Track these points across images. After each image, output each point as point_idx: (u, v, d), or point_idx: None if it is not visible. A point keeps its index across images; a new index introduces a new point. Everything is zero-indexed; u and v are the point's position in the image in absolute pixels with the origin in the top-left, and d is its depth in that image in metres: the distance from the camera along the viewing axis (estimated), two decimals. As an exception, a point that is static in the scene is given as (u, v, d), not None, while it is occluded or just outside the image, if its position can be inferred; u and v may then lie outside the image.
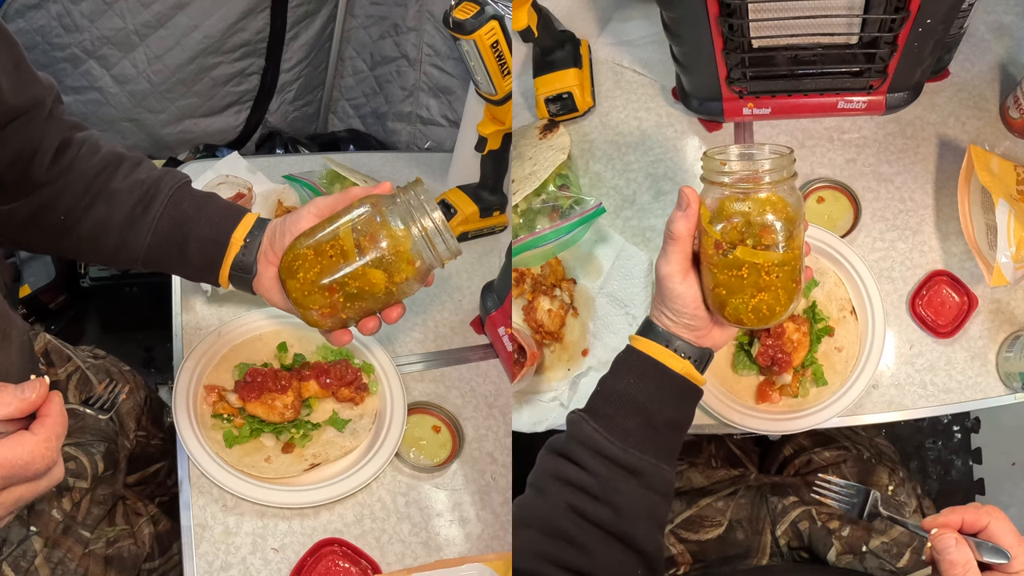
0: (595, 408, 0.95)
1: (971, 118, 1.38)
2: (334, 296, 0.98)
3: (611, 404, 0.94)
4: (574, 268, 1.34)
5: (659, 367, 0.94)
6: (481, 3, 1.25)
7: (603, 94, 1.45)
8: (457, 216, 1.57)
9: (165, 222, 1.06)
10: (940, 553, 0.86)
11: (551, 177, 1.33)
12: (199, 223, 1.06)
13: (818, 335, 1.24)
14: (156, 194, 1.07)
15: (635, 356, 0.96)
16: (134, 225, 1.06)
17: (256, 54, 2.16)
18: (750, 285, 0.90)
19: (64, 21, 1.96)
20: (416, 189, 0.98)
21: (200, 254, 1.06)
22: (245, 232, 1.05)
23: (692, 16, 1.12)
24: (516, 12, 1.28)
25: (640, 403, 0.93)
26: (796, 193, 0.91)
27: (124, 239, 1.07)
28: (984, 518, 0.88)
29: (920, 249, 1.31)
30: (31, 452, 0.74)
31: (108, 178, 1.08)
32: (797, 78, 1.23)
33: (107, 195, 1.07)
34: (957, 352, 1.27)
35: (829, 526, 1.31)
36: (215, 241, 1.05)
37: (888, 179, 1.35)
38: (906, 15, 1.07)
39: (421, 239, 0.97)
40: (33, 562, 1.16)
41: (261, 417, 1.22)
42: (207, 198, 1.09)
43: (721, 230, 0.89)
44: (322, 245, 0.97)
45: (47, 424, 0.76)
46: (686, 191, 0.92)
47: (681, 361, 0.94)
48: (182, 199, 1.08)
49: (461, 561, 1.14)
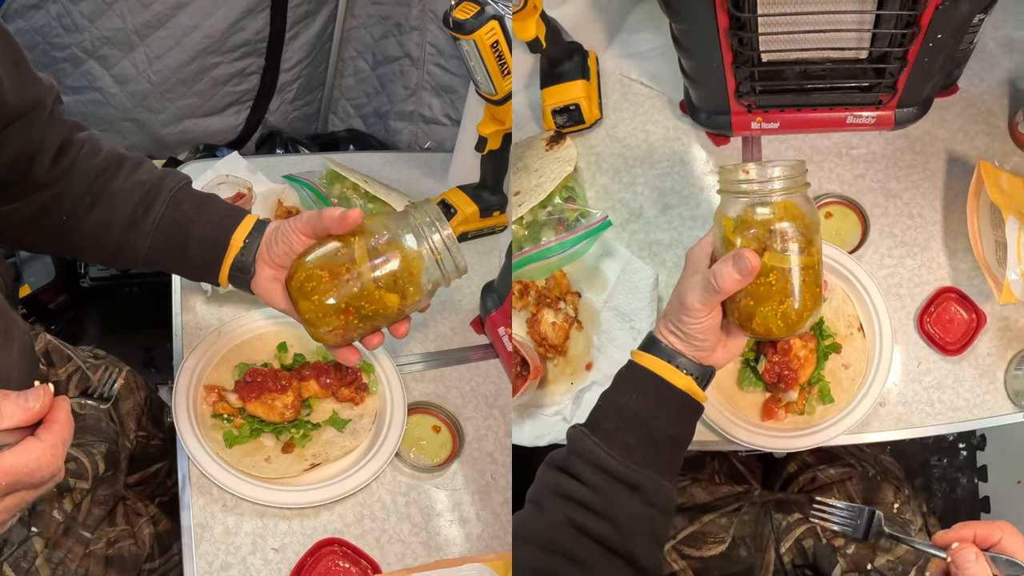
0: (596, 423, 0.95)
1: (980, 133, 1.37)
2: (348, 318, 0.98)
3: (612, 419, 0.94)
4: (579, 281, 1.33)
5: (662, 383, 0.94)
6: (481, 3, 1.24)
7: (610, 106, 1.44)
8: (457, 216, 1.56)
9: (166, 223, 1.07)
10: (960, 568, 0.85)
11: (557, 189, 1.32)
12: (200, 224, 1.07)
13: (825, 352, 1.23)
14: (157, 195, 1.07)
15: (637, 371, 0.96)
16: (135, 226, 1.07)
17: (256, 54, 2.15)
18: (778, 291, 0.92)
19: (64, 21, 1.95)
20: (427, 208, 0.98)
21: (201, 254, 1.07)
22: (245, 234, 1.06)
23: (702, 29, 1.11)
24: (524, 23, 1.27)
25: (642, 418, 0.93)
26: (811, 201, 0.94)
27: (125, 239, 1.07)
28: (996, 533, 0.87)
29: (928, 266, 1.30)
30: (37, 460, 0.74)
31: (109, 179, 1.08)
32: (806, 92, 1.22)
33: (108, 196, 1.07)
34: (965, 370, 1.26)
35: (834, 543, 1.30)
36: (215, 242, 1.06)
37: (897, 195, 1.34)
38: (917, 30, 1.07)
39: (432, 260, 0.97)
40: (34, 563, 1.15)
41: (261, 417, 1.21)
42: (207, 199, 1.10)
43: (745, 239, 0.91)
44: (337, 267, 0.97)
45: (54, 431, 0.76)
46: (750, 257, 0.90)
47: (684, 378, 0.94)
48: (183, 200, 1.08)
49: (461, 561, 1.14)
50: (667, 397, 0.94)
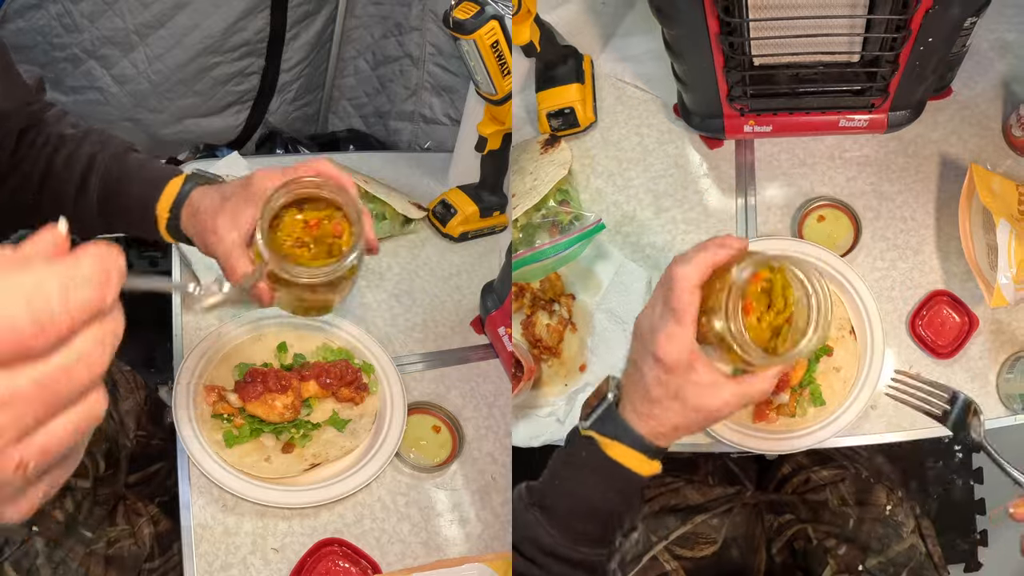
0: (550, 504, 0.90)
1: (973, 136, 1.37)
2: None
3: (565, 503, 0.89)
4: (573, 283, 1.34)
5: (628, 475, 0.88)
6: (481, 3, 1.24)
7: (605, 110, 1.45)
8: (457, 216, 1.57)
9: (101, 197, 1.10)
10: None
11: (552, 192, 1.33)
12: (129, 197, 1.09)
13: (816, 355, 1.24)
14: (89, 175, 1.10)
15: (600, 459, 0.88)
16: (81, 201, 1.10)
17: (256, 54, 2.14)
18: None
19: (64, 21, 1.95)
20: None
21: (139, 228, 1.09)
22: (168, 207, 1.06)
23: (693, 34, 1.12)
24: (518, 27, 1.27)
25: (602, 510, 0.89)
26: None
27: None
28: None
29: (921, 269, 1.30)
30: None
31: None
32: (798, 96, 1.22)
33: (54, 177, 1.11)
34: (957, 373, 1.26)
35: (825, 544, 1.31)
36: (144, 221, 1.07)
37: (889, 198, 1.34)
38: (907, 34, 1.07)
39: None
40: (35, 562, 1.16)
41: (261, 417, 1.22)
42: (130, 172, 1.11)
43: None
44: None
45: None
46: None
47: (651, 464, 0.88)
48: (110, 173, 1.10)
49: (461, 561, 1.15)
50: (632, 486, 0.89)
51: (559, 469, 0.91)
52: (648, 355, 0.87)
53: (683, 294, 0.84)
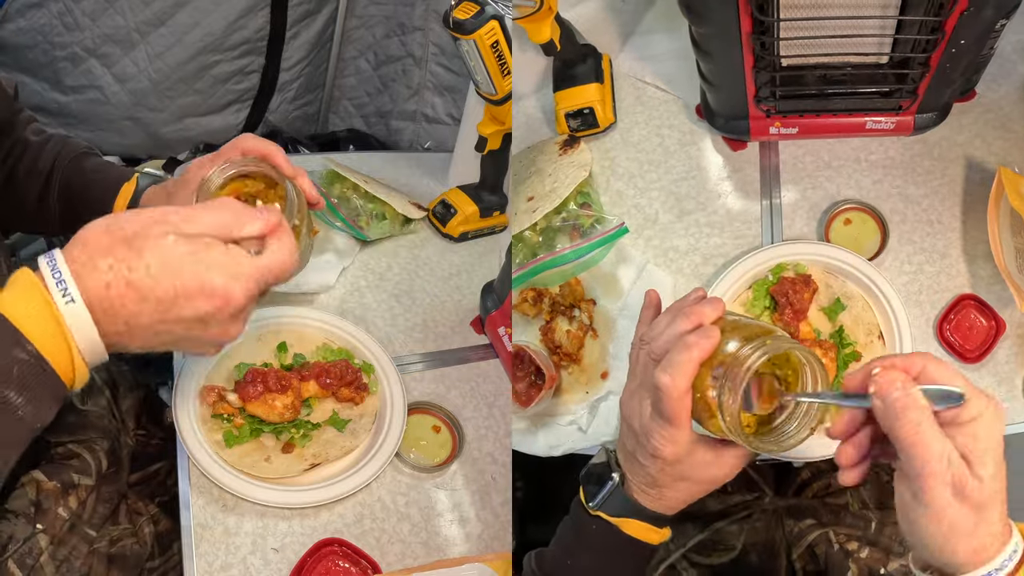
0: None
1: (997, 139, 1.36)
2: None
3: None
4: (594, 288, 1.32)
5: (642, 546, 0.92)
6: (481, 3, 1.23)
7: (624, 110, 1.42)
8: (457, 216, 1.55)
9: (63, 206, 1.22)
10: (885, 397, 0.71)
11: (572, 195, 1.30)
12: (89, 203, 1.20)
13: (845, 360, 1.22)
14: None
15: (614, 538, 0.92)
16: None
17: (256, 52, 2.15)
18: None
19: (65, 20, 1.95)
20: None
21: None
22: (124, 207, 1.18)
23: (723, 32, 1.10)
24: (539, 25, 1.25)
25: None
26: None
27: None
28: (918, 361, 0.74)
29: (948, 272, 1.29)
30: (289, 257, 0.86)
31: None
32: (826, 97, 1.21)
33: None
34: (984, 377, 1.25)
35: (847, 548, 1.29)
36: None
37: (915, 201, 1.33)
38: (941, 36, 1.06)
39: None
40: (39, 559, 1.14)
41: (261, 417, 1.21)
42: (87, 178, 1.23)
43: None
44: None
45: (284, 238, 0.87)
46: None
47: (661, 532, 0.93)
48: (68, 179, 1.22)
49: (461, 561, 1.15)
50: (644, 556, 0.93)
51: (572, 546, 0.95)
52: (646, 452, 0.88)
53: (673, 403, 0.84)
